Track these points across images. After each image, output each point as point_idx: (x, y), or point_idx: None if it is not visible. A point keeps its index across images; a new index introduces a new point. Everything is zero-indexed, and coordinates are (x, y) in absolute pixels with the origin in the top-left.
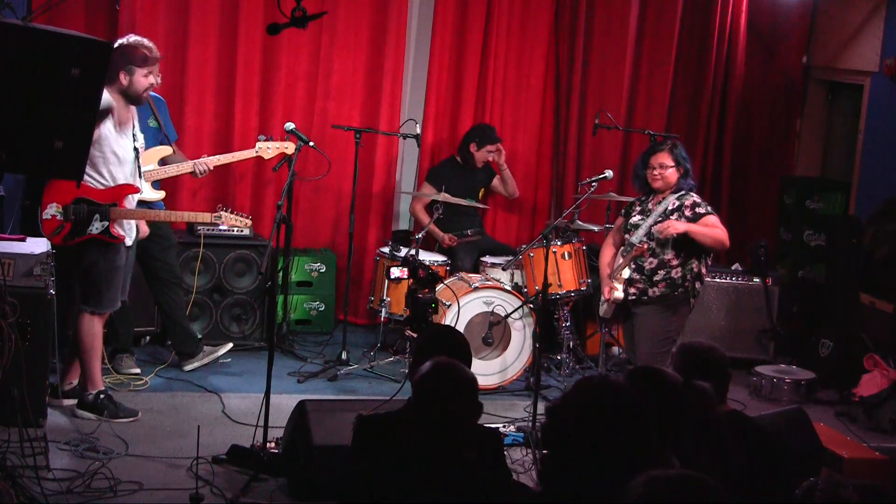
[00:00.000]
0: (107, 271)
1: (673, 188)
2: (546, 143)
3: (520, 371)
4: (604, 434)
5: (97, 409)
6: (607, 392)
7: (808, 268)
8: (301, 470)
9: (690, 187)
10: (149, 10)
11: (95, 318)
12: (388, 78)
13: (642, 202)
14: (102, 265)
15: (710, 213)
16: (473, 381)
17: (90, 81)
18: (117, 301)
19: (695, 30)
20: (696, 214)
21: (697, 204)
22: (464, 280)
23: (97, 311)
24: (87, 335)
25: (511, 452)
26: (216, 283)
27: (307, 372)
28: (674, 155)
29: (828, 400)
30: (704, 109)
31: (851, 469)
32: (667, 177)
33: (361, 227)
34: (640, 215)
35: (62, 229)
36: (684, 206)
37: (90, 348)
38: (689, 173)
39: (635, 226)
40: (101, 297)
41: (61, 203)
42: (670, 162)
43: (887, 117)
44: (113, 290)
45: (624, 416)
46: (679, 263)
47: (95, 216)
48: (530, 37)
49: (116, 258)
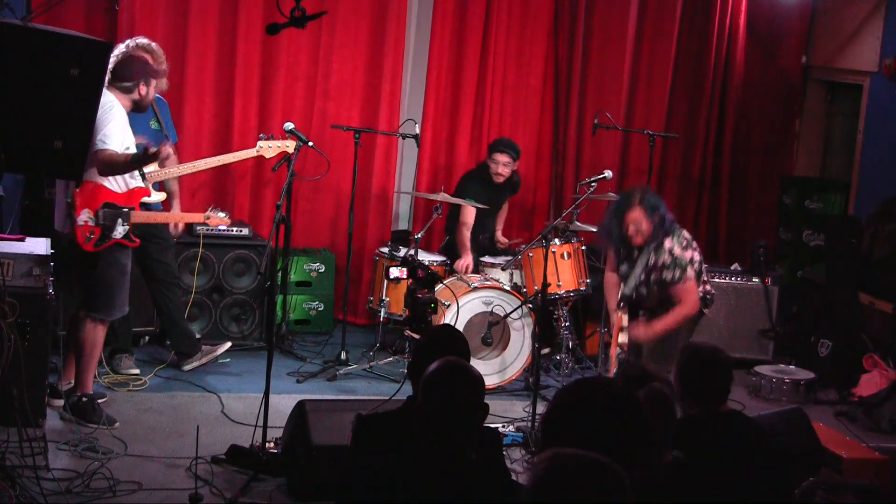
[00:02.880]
0: (118, 276)
1: (650, 239)
2: (545, 143)
3: (519, 371)
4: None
5: (80, 412)
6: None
7: (807, 268)
8: (300, 470)
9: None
10: (148, 11)
11: (99, 325)
12: (388, 78)
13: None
14: (115, 270)
15: (679, 281)
16: (481, 381)
17: (89, 81)
18: (125, 307)
19: (694, 30)
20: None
21: (666, 266)
22: (463, 280)
23: (105, 318)
24: (89, 342)
25: (510, 452)
26: (215, 283)
27: (306, 372)
28: (644, 208)
29: (827, 400)
30: (704, 109)
31: (851, 469)
32: (644, 232)
33: (360, 226)
34: (626, 263)
35: (93, 235)
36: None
37: (90, 354)
38: (663, 221)
39: (624, 276)
40: (111, 305)
41: (92, 209)
42: (645, 218)
43: (886, 117)
44: (123, 295)
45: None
46: None
47: (119, 220)
48: (529, 36)
49: (127, 263)
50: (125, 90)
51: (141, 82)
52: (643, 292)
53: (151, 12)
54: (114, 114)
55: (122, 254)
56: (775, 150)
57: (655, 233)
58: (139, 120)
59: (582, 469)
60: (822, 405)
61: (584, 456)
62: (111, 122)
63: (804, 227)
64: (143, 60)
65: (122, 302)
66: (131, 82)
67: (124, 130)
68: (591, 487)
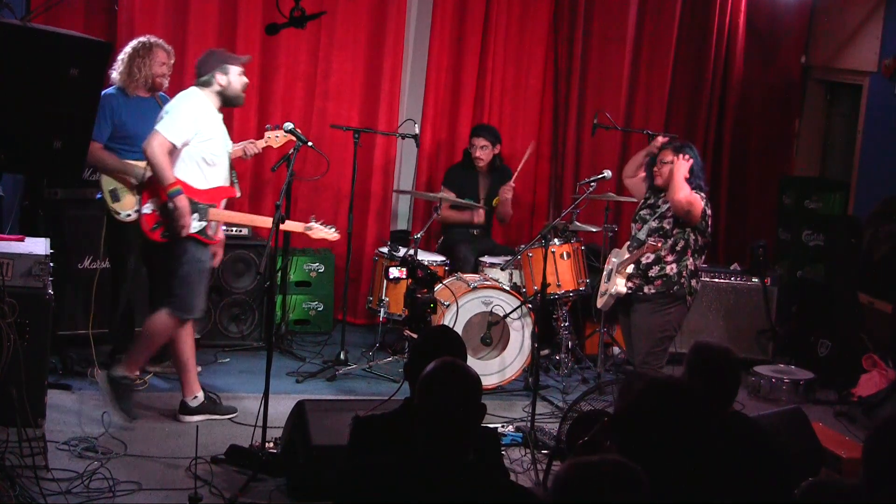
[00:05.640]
0: (195, 273)
1: None
2: (545, 142)
3: (518, 371)
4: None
5: (114, 385)
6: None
7: (806, 268)
8: (300, 470)
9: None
10: (148, 11)
11: (171, 320)
12: (387, 78)
13: (654, 197)
14: (191, 267)
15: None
16: (478, 381)
17: (89, 81)
18: (202, 307)
19: (693, 30)
20: None
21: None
22: (462, 280)
23: (181, 315)
24: (153, 329)
25: (509, 452)
26: (215, 283)
27: (306, 372)
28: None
29: (827, 400)
30: (703, 109)
31: (850, 469)
32: (665, 175)
33: (360, 227)
34: (649, 209)
35: (161, 225)
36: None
37: (148, 340)
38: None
39: (643, 219)
40: (188, 301)
41: (161, 199)
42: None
43: (886, 117)
44: (200, 294)
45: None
46: (674, 260)
47: (194, 215)
48: (529, 37)
49: (205, 261)
50: (204, 84)
51: (216, 72)
52: None
53: (151, 12)
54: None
55: (198, 250)
56: (775, 150)
57: None
58: (146, 114)
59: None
60: (822, 405)
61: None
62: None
63: (804, 227)
64: (217, 52)
65: (199, 301)
66: (207, 75)
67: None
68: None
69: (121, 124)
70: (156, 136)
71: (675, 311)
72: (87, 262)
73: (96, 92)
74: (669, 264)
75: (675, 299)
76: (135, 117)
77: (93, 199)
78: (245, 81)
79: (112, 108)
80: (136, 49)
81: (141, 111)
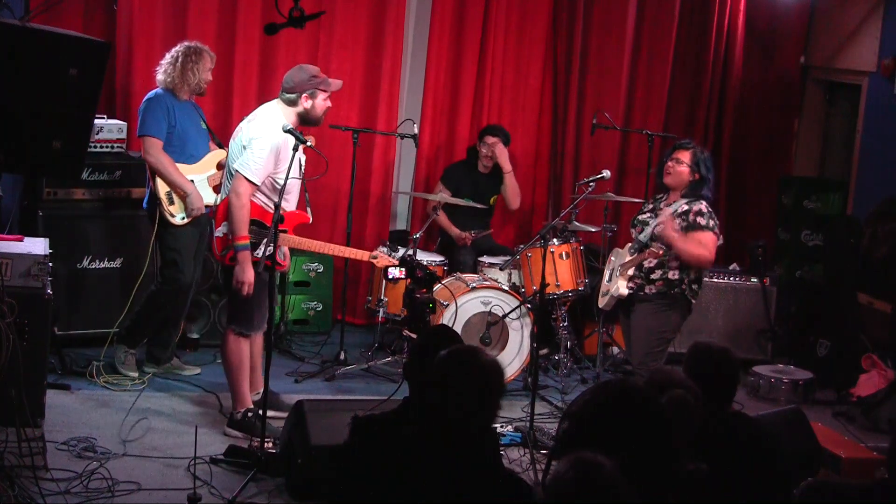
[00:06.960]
0: (258, 291)
1: (685, 190)
2: (544, 143)
3: (517, 371)
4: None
5: (245, 427)
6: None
7: (805, 268)
8: (299, 470)
9: (704, 197)
10: (147, 11)
11: (241, 339)
12: (386, 78)
13: (657, 200)
14: (255, 287)
15: (708, 230)
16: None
17: (88, 81)
18: (265, 322)
19: (693, 30)
20: (693, 224)
21: (702, 214)
22: (461, 280)
23: (245, 332)
24: (234, 354)
25: (509, 452)
26: (214, 283)
27: (305, 372)
28: (694, 157)
29: (826, 400)
30: (702, 109)
31: (849, 469)
32: (678, 173)
33: (359, 227)
34: (650, 213)
35: (228, 251)
36: (690, 211)
37: (237, 368)
38: (705, 182)
39: (643, 223)
40: (250, 318)
41: None
42: (687, 160)
43: (885, 117)
44: (263, 310)
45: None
46: (678, 266)
47: (262, 240)
48: (528, 37)
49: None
50: (289, 102)
51: (304, 94)
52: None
53: (150, 12)
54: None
55: (265, 274)
56: (774, 150)
57: (693, 188)
58: (191, 118)
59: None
60: (821, 405)
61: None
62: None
63: (803, 226)
64: (306, 70)
65: (261, 317)
66: (294, 94)
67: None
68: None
69: (173, 126)
70: (241, 182)
71: (675, 312)
72: (86, 261)
73: (96, 92)
74: (673, 269)
75: (676, 301)
76: (184, 120)
77: (93, 199)
78: (328, 106)
79: (167, 108)
80: (187, 54)
81: (187, 114)
